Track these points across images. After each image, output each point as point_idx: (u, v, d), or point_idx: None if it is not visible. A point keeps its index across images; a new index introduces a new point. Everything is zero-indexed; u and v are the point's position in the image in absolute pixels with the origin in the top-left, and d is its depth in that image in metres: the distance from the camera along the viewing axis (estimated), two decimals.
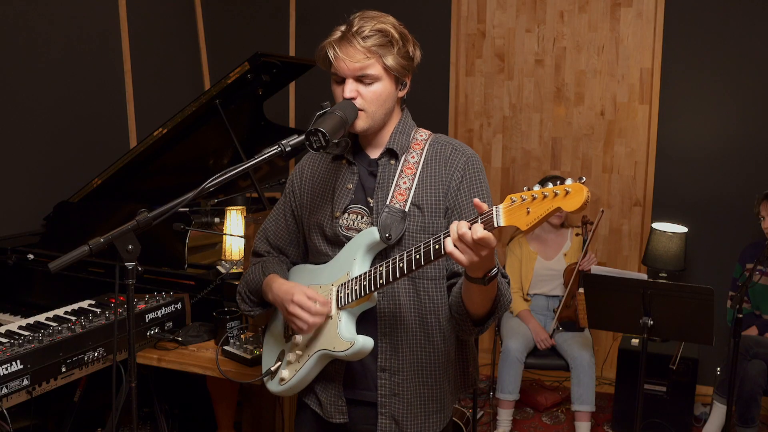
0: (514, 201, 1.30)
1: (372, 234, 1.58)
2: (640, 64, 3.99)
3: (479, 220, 1.33)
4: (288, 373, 1.71)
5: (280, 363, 1.75)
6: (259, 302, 1.80)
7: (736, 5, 3.74)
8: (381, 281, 1.51)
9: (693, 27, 3.83)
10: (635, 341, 3.53)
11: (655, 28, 3.91)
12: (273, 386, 1.77)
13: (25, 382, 1.89)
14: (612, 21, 4.02)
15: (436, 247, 1.41)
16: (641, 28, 3.97)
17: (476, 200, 1.35)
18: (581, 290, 3.30)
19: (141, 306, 2.32)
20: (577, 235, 3.65)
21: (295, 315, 1.59)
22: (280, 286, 1.66)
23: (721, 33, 3.78)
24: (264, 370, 1.80)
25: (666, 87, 3.92)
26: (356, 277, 1.57)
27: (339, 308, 1.60)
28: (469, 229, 1.32)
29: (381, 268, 1.51)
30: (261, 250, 1.86)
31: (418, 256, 1.45)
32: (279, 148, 1.50)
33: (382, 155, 1.66)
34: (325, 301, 1.60)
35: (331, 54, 1.58)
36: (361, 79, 1.57)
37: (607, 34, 4.04)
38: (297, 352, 1.69)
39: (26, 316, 2.43)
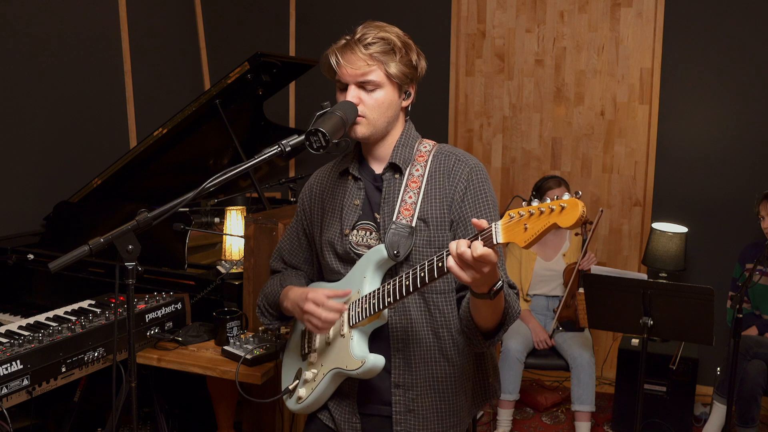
0: (512, 217, 1.29)
1: (380, 252, 1.58)
2: (640, 64, 3.99)
3: (479, 238, 1.32)
4: (305, 392, 1.72)
5: (297, 381, 1.76)
6: (278, 315, 1.81)
7: (736, 5, 3.74)
8: (389, 299, 1.51)
9: (693, 27, 3.83)
10: (635, 341, 3.53)
11: (655, 28, 3.91)
12: (291, 405, 1.78)
13: (25, 382, 1.89)
14: (612, 21, 4.02)
15: (440, 265, 1.41)
16: (641, 28, 3.97)
17: (474, 220, 1.35)
18: (581, 290, 3.30)
19: (141, 306, 2.32)
20: (576, 234, 3.65)
21: (310, 312, 1.59)
22: (295, 291, 1.68)
23: (721, 33, 3.78)
24: (283, 388, 1.82)
25: (666, 87, 3.92)
26: (366, 296, 1.57)
27: (351, 327, 1.60)
28: (469, 247, 1.31)
29: (388, 286, 1.52)
30: (277, 269, 1.88)
31: (423, 274, 1.45)
32: (279, 148, 1.50)
33: (386, 170, 1.66)
34: (340, 305, 1.60)
35: (333, 61, 1.58)
36: (363, 85, 1.57)
37: (607, 34, 4.04)
38: (313, 370, 1.70)
39: (26, 316, 2.44)
